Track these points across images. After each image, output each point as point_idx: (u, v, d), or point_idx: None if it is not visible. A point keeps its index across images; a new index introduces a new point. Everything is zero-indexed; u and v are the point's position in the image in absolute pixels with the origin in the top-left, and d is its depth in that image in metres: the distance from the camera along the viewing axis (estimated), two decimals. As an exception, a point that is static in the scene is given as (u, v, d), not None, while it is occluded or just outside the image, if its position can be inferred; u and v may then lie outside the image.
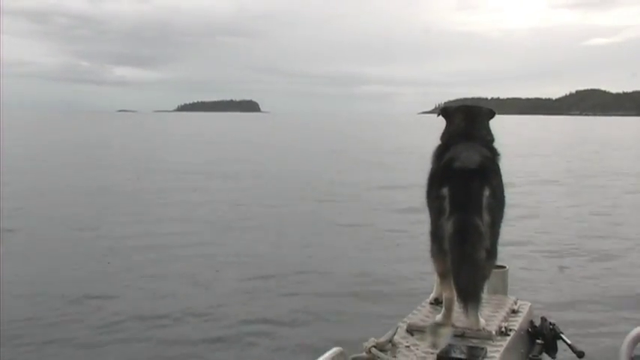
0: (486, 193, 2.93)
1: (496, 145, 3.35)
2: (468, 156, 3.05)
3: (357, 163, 27.89)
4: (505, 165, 3.22)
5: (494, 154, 3.26)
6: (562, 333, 3.19)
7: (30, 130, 70.20)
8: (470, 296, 2.88)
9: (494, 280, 3.37)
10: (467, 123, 3.34)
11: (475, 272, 2.89)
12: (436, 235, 3.01)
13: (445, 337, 2.89)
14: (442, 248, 2.98)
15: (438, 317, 3.00)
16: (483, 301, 3.18)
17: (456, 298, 2.97)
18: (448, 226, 2.90)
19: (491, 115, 3.45)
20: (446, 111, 3.46)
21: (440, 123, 3.49)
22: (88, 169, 24.35)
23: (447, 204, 2.93)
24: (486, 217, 2.91)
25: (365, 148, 38.98)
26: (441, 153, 3.24)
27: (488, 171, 3.03)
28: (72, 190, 18.05)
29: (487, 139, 3.34)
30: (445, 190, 2.95)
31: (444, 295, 3.05)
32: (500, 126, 3.53)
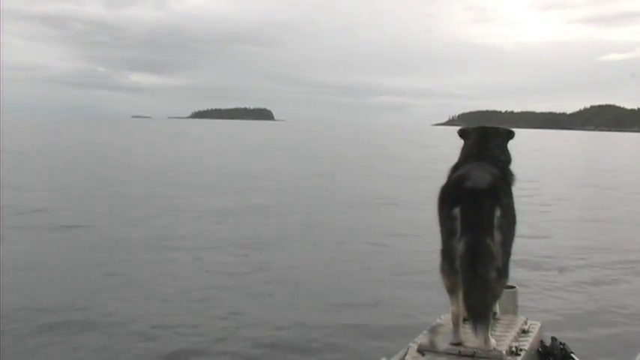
0: (497, 213, 2.96)
1: (512, 166, 3.38)
2: (479, 175, 3.08)
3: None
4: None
5: (506, 175, 3.28)
6: (573, 353, 3.21)
7: (44, 134, 70.56)
8: (480, 316, 2.92)
9: (505, 300, 3.39)
10: (480, 143, 3.38)
11: (485, 292, 2.92)
12: (447, 254, 3.04)
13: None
14: (452, 267, 3.01)
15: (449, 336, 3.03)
16: (495, 319, 3.22)
17: (464, 315, 3.01)
18: (460, 247, 2.94)
19: (509, 135, 3.46)
20: (463, 132, 3.52)
21: (452, 134, 3.54)
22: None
23: (458, 224, 2.96)
24: (498, 236, 2.94)
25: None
26: (453, 171, 3.28)
27: (499, 191, 3.06)
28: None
29: (500, 160, 3.36)
30: (456, 211, 2.98)
31: (451, 310, 3.08)
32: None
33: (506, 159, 3.40)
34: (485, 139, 3.39)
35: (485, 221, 2.93)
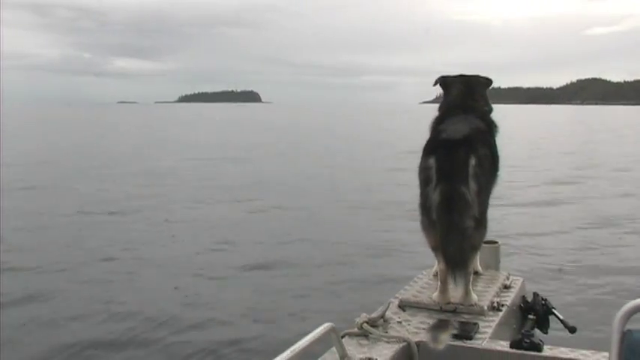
0: (472, 162, 2.90)
1: (493, 115, 3.35)
2: (456, 128, 3.04)
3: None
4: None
5: (489, 126, 3.25)
6: (554, 308, 3.17)
7: (33, 125, 69.83)
8: (458, 265, 2.86)
9: (486, 256, 3.36)
10: (464, 94, 3.32)
11: (462, 241, 2.87)
12: (424, 206, 2.98)
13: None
14: (431, 220, 2.95)
15: (435, 294, 2.98)
16: (478, 275, 3.20)
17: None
18: (435, 196, 2.89)
19: (489, 83, 3.43)
20: (444, 81, 3.42)
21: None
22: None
23: (433, 174, 2.91)
24: (473, 185, 2.88)
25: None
26: (437, 125, 3.23)
27: (474, 141, 3.01)
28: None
29: (484, 110, 3.32)
30: (432, 161, 2.93)
31: (439, 268, 3.04)
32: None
33: (489, 108, 3.38)
34: (470, 89, 3.34)
35: (459, 170, 2.88)
